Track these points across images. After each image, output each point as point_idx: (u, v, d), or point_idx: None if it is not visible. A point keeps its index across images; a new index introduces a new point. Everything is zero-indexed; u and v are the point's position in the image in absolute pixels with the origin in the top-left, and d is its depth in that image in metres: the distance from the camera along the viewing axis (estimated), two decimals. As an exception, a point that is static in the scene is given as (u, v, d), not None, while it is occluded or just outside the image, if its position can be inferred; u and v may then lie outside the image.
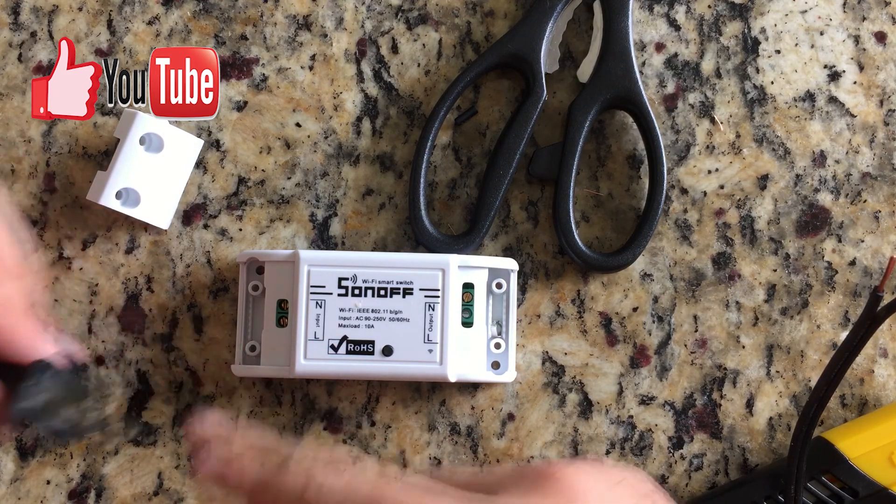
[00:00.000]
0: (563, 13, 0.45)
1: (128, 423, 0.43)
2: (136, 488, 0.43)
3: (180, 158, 0.44)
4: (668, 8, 0.46)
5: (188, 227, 0.45)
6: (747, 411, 0.44)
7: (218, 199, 0.45)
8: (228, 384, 0.44)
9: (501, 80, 0.46)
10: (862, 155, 0.46)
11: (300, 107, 0.45)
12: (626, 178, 0.45)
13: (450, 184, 0.45)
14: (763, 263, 0.45)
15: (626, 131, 0.46)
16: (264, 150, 0.45)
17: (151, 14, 0.45)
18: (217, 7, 0.46)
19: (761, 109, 0.46)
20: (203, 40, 0.45)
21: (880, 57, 0.46)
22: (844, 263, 0.45)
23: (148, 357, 0.44)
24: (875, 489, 0.41)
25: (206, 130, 0.45)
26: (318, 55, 0.46)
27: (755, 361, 0.44)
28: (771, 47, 0.46)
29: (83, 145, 0.45)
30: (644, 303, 0.45)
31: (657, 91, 0.46)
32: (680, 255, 0.45)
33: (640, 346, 0.44)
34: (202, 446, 0.32)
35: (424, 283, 0.41)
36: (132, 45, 0.45)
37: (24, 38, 0.45)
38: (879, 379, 0.45)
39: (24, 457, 0.43)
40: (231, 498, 0.32)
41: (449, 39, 0.46)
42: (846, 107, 0.46)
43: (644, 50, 0.46)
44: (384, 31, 0.46)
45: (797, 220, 0.45)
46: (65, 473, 0.43)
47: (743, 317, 0.45)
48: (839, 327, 0.45)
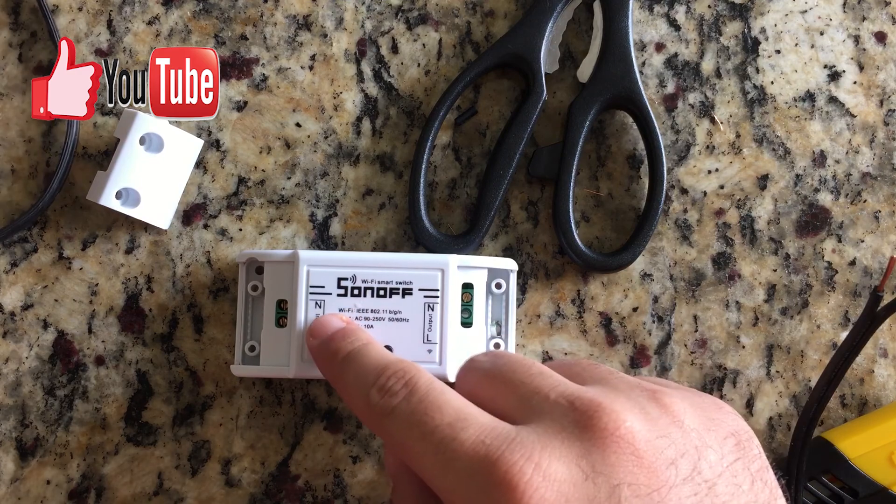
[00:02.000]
0: (563, 13, 0.45)
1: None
2: (136, 488, 0.43)
3: (180, 158, 0.44)
4: (668, 8, 0.46)
5: (188, 227, 0.45)
6: (747, 411, 0.44)
7: (218, 199, 0.45)
8: (228, 384, 0.44)
9: (501, 80, 0.46)
10: (862, 155, 0.46)
11: (300, 107, 0.45)
12: (626, 178, 0.45)
13: (450, 184, 0.45)
14: (763, 263, 0.45)
15: (626, 131, 0.46)
16: (264, 150, 0.45)
17: (151, 14, 0.45)
18: (217, 7, 0.46)
19: (761, 109, 0.46)
20: (203, 40, 0.45)
21: (880, 57, 0.46)
22: (844, 263, 0.45)
23: (148, 357, 0.44)
24: (875, 489, 0.41)
25: (206, 130, 0.45)
26: (318, 55, 0.46)
27: (755, 361, 0.44)
28: (771, 47, 0.46)
29: (83, 145, 0.45)
30: (644, 303, 0.45)
31: (657, 91, 0.46)
32: (680, 255, 0.45)
33: (640, 346, 0.44)
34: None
35: (424, 283, 0.41)
36: (132, 45, 0.45)
37: (24, 38, 0.45)
38: (879, 379, 0.45)
39: (24, 457, 0.43)
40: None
41: (449, 39, 0.46)
42: (846, 107, 0.46)
43: (644, 50, 0.46)
44: (384, 31, 0.46)
45: (797, 220, 0.45)
46: (65, 473, 0.43)
47: (743, 317, 0.45)
48: (839, 327, 0.45)
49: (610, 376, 0.33)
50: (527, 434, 0.29)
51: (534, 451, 0.28)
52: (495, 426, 0.30)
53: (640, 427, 0.29)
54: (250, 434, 0.44)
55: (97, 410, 0.43)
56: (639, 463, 0.28)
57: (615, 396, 0.30)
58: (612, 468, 0.28)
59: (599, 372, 0.33)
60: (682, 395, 0.32)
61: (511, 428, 0.30)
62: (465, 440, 0.29)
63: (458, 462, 0.29)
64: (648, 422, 0.29)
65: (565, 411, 0.29)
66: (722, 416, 0.32)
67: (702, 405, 0.32)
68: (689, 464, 0.29)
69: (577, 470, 0.28)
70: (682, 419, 0.30)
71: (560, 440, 0.29)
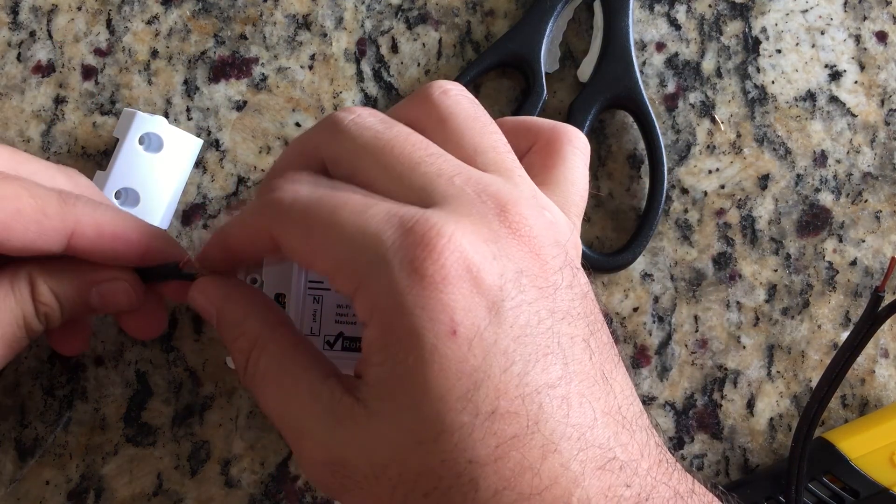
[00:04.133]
0: (564, 13, 0.45)
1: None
2: (136, 489, 0.43)
3: (180, 158, 0.44)
4: (668, 7, 0.46)
5: (188, 226, 0.44)
6: (748, 412, 0.44)
7: (217, 198, 0.45)
8: (228, 384, 0.44)
9: (501, 79, 0.46)
10: (863, 155, 0.46)
11: (300, 106, 0.45)
12: (627, 178, 0.45)
13: (450, 184, 0.45)
14: (764, 263, 0.45)
15: (627, 131, 0.45)
16: (264, 149, 0.45)
17: (151, 13, 0.45)
18: (216, 6, 0.45)
19: (762, 109, 0.46)
20: (202, 40, 0.45)
21: (881, 56, 0.46)
22: (845, 263, 0.45)
23: (147, 357, 0.44)
24: (876, 490, 0.41)
25: (205, 130, 0.45)
26: (317, 55, 0.46)
27: (756, 362, 0.44)
28: (772, 47, 0.46)
29: (82, 145, 0.44)
30: (644, 303, 0.45)
31: (657, 91, 0.46)
32: (680, 255, 0.45)
33: (641, 347, 0.44)
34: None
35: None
36: (131, 45, 0.45)
37: (23, 38, 0.45)
38: (880, 379, 0.44)
39: (23, 457, 0.43)
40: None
41: (449, 39, 0.46)
42: (847, 106, 0.46)
43: (644, 49, 0.46)
44: (384, 31, 0.46)
45: (798, 219, 0.45)
46: (64, 474, 0.43)
47: (744, 317, 0.45)
48: (840, 327, 0.45)
49: (512, 169, 0.32)
50: (435, 212, 0.29)
51: (447, 224, 0.28)
52: (402, 205, 0.30)
53: (540, 232, 0.30)
54: (250, 434, 0.43)
55: (96, 411, 0.43)
56: (537, 262, 0.29)
57: (519, 195, 0.31)
58: (516, 259, 0.29)
59: (504, 162, 0.33)
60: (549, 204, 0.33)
61: (419, 208, 0.30)
62: (376, 213, 0.29)
63: (368, 231, 0.29)
64: (546, 228, 0.30)
65: (472, 200, 0.30)
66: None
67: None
68: (570, 274, 0.30)
69: (487, 248, 0.29)
70: (566, 230, 0.32)
71: (470, 222, 0.29)
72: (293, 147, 0.36)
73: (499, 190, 0.30)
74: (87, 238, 0.35)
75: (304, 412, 0.31)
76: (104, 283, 0.36)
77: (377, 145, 0.32)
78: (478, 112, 0.33)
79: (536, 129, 0.36)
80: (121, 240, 0.36)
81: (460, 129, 0.33)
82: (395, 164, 0.31)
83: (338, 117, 0.33)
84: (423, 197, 0.30)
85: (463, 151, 0.32)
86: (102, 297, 0.36)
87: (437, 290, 0.28)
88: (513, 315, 0.28)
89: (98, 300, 0.36)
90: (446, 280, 0.28)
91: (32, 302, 0.35)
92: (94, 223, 0.35)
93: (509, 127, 0.35)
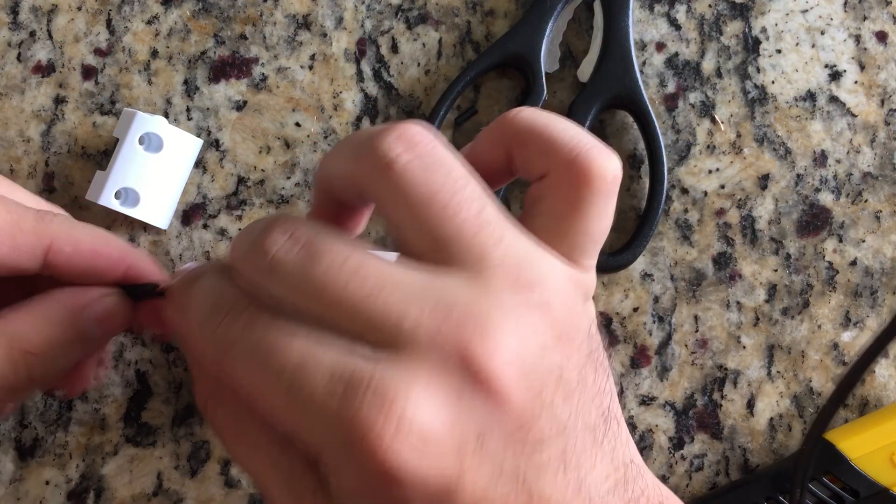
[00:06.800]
0: (563, 13, 0.45)
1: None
2: (136, 489, 0.43)
3: (180, 158, 0.44)
4: (668, 7, 0.46)
5: (188, 226, 0.44)
6: (748, 412, 0.44)
7: (217, 198, 0.45)
8: (228, 384, 0.44)
9: (501, 79, 0.46)
10: (863, 155, 0.46)
11: (300, 106, 0.45)
12: (627, 178, 0.45)
13: (450, 184, 0.45)
14: (764, 263, 0.45)
15: (627, 131, 0.45)
16: (264, 149, 0.45)
17: (151, 13, 0.45)
18: (216, 6, 0.45)
19: (762, 109, 0.46)
20: (202, 40, 0.45)
21: (881, 56, 0.46)
22: (845, 263, 0.45)
23: (147, 357, 0.44)
24: (876, 490, 0.41)
25: (205, 130, 0.45)
26: (317, 55, 0.46)
27: (756, 362, 0.44)
28: (772, 47, 0.46)
29: (82, 145, 0.44)
30: (644, 303, 0.45)
31: (657, 91, 0.46)
32: (680, 255, 0.45)
33: (641, 347, 0.44)
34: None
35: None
36: (131, 45, 0.45)
37: (23, 38, 0.45)
38: (881, 379, 0.44)
39: (24, 457, 0.43)
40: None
41: (449, 39, 0.46)
42: (847, 106, 0.46)
43: (644, 49, 0.46)
44: (384, 31, 0.46)
45: (798, 219, 0.45)
46: (64, 474, 0.43)
47: (744, 317, 0.45)
48: (840, 327, 0.45)
49: (482, 257, 0.27)
50: (387, 371, 0.25)
51: (398, 394, 0.25)
52: (349, 359, 0.26)
53: (514, 371, 0.26)
54: (250, 434, 0.43)
55: (96, 411, 0.43)
56: (508, 415, 0.26)
57: (487, 314, 0.26)
58: (479, 417, 0.26)
59: (471, 251, 0.27)
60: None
61: (367, 361, 0.26)
62: (320, 372, 0.26)
63: (312, 412, 0.26)
64: (524, 357, 0.27)
65: (427, 347, 0.26)
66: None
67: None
68: (562, 398, 0.27)
69: (445, 414, 0.25)
70: (562, 311, 0.28)
71: (426, 380, 0.26)
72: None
73: (462, 316, 0.26)
74: (64, 254, 0.33)
75: (265, 474, 0.29)
76: (94, 304, 0.34)
77: (313, 286, 0.27)
78: (437, 181, 0.28)
79: (556, 151, 0.29)
80: (101, 256, 0.34)
81: (416, 214, 0.28)
82: (338, 305, 0.27)
83: (265, 247, 0.28)
84: (375, 339, 0.26)
85: (422, 242, 0.28)
86: (98, 320, 0.34)
87: (393, 485, 0.25)
88: (471, 485, 0.26)
89: (93, 325, 0.34)
90: (401, 471, 0.25)
91: (11, 358, 0.32)
92: (71, 239, 0.33)
93: (524, 136, 0.30)
